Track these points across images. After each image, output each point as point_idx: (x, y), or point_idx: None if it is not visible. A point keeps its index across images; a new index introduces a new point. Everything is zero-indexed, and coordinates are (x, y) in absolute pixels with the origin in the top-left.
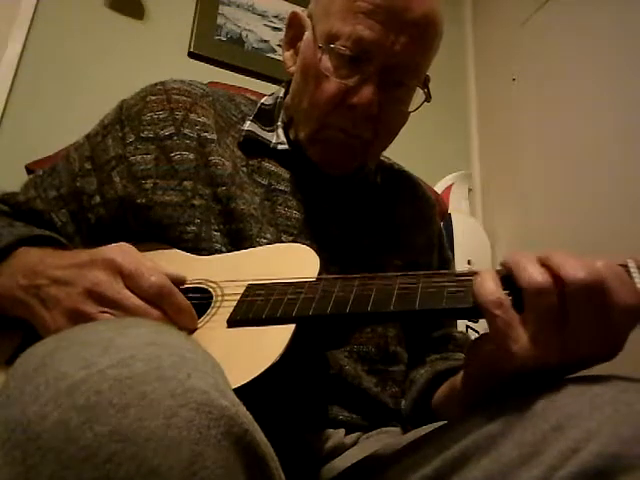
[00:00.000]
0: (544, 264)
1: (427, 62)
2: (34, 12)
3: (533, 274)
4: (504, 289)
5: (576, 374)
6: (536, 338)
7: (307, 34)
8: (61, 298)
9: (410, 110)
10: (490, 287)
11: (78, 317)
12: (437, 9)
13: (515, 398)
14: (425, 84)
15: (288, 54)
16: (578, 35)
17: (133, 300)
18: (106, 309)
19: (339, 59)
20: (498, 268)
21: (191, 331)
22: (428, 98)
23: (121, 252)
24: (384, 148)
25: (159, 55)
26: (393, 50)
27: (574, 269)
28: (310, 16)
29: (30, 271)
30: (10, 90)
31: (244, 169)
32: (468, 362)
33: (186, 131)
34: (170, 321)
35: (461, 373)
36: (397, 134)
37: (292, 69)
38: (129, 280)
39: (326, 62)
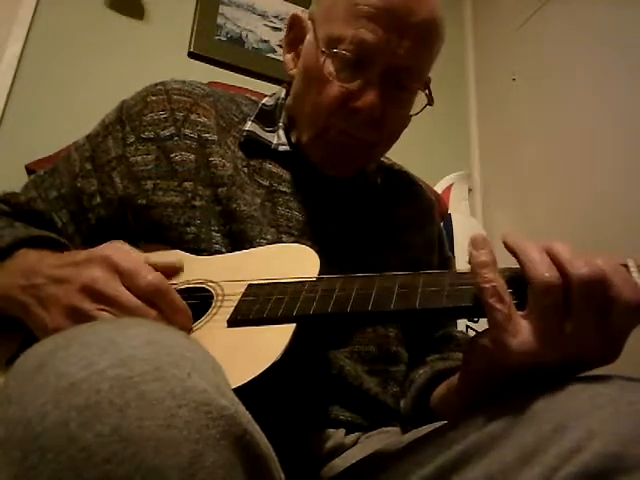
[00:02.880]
0: (548, 256)
1: (429, 65)
2: (34, 12)
3: (542, 269)
4: (506, 281)
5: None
6: (536, 334)
7: (309, 37)
8: (59, 296)
9: (412, 113)
10: (489, 276)
11: (76, 315)
12: (439, 11)
13: (516, 398)
14: (426, 86)
15: (289, 57)
16: (578, 35)
17: (130, 298)
18: (103, 306)
19: (341, 63)
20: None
21: (192, 331)
22: (430, 102)
23: (118, 250)
24: (387, 150)
25: (159, 55)
26: (396, 54)
27: (577, 264)
28: (311, 19)
29: (28, 271)
30: (10, 90)
31: (245, 170)
32: (466, 360)
33: (187, 131)
34: (166, 321)
35: (459, 372)
36: (399, 137)
37: (293, 72)
38: (126, 278)
39: (329, 66)
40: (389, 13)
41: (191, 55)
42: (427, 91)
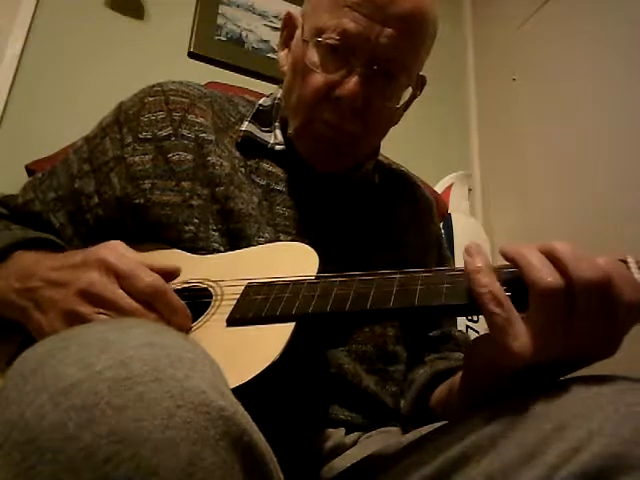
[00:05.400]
0: (548, 258)
1: (416, 59)
2: (34, 12)
3: (542, 274)
4: (503, 284)
5: (576, 374)
6: (538, 336)
7: (297, 32)
8: (56, 300)
9: (398, 106)
10: (484, 280)
11: (73, 318)
12: (427, 7)
13: (516, 399)
14: (418, 84)
15: (282, 54)
16: (578, 35)
17: (128, 301)
18: (101, 310)
19: (325, 52)
20: (500, 264)
21: (190, 331)
22: (414, 95)
23: (115, 252)
24: (373, 144)
25: (159, 55)
26: (378, 42)
27: (581, 268)
28: (303, 15)
29: (24, 274)
30: (10, 90)
31: (242, 169)
32: (467, 360)
33: (184, 132)
34: (165, 321)
35: (460, 372)
36: (386, 131)
37: (285, 68)
38: (124, 281)
39: (312, 56)
40: (372, 3)
41: (191, 55)
42: (418, 89)
